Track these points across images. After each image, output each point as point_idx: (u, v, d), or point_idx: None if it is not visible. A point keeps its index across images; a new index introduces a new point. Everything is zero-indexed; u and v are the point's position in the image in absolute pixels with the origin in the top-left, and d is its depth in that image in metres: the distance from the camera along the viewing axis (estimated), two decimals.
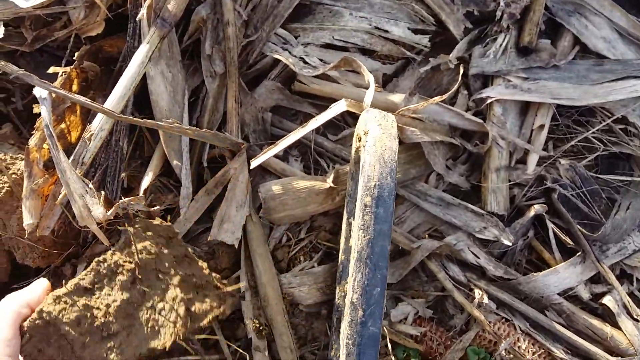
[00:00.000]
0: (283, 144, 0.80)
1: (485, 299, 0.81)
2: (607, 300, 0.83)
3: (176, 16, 0.79)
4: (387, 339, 0.80)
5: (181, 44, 0.87)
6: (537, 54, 0.90)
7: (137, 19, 0.80)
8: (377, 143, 0.62)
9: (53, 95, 0.69)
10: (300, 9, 0.91)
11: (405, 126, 0.80)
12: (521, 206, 0.88)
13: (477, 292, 0.82)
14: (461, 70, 0.88)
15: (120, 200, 0.70)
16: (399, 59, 0.93)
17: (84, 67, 0.80)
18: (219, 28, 0.88)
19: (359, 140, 0.70)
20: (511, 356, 0.80)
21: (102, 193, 0.68)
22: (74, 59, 0.80)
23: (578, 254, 0.84)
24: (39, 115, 0.75)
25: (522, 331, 0.82)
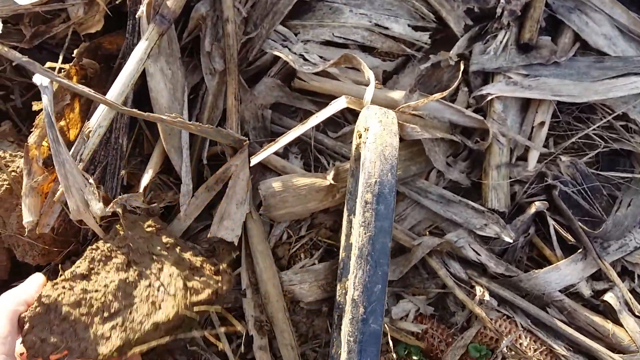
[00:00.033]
0: (283, 141, 0.80)
1: (487, 296, 0.81)
2: (608, 297, 0.83)
3: (175, 13, 0.79)
4: (389, 336, 0.80)
5: (181, 41, 0.86)
6: (537, 50, 0.90)
7: (136, 15, 0.79)
8: (378, 140, 0.61)
9: (54, 86, 0.68)
10: (300, 6, 0.91)
11: (406, 123, 0.79)
12: (522, 203, 0.88)
13: (478, 289, 0.82)
14: (461, 67, 0.88)
15: (119, 196, 0.70)
16: (399, 56, 0.93)
17: (83, 64, 0.80)
18: (218, 25, 0.87)
19: (360, 137, 0.69)
20: (512, 353, 0.80)
21: (101, 188, 0.67)
22: (73, 56, 0.80)
23: (579, 250, 0.84)
24: (38, 112, 0.75)
25: (523, 328, 0.82)
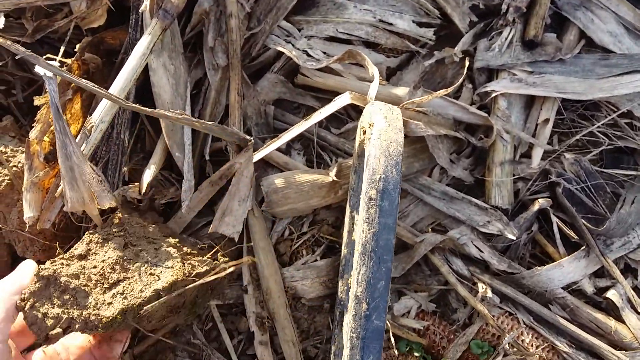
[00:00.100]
0: (286, 137, 0.80)
1: (489, 293, 0.81)
2: (611, 294, 0.83)
3: (178, 8, 0.78)
4: (390, 333, 0.80)
5: (183, 36, 0.86)
6: (542, 47, 0.89)
7: (139, 10, 0.79)
8: (383, 136, 0.61)
9: (57, 79, 0.68)
10: (303, 1, 0.90)
11: (410, 120, 0.79)
12: (525, 200, 0.88)
13: (480, 286, 0.81)
14: (466, 63, 0.87)
15: (121, 188, 0.70)
16: (403, 52, 0.92)
17: (85, 58, 0.80)
18: (221, 20, 0.87)
19: (364, 133, 0.69)
20: (515, 350, 0.80)
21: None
22: (75, 50, 0.80)
23: (582, 248, 0.84)
24: (39, 107, 0.75)
25: (525, 325, 0.82)
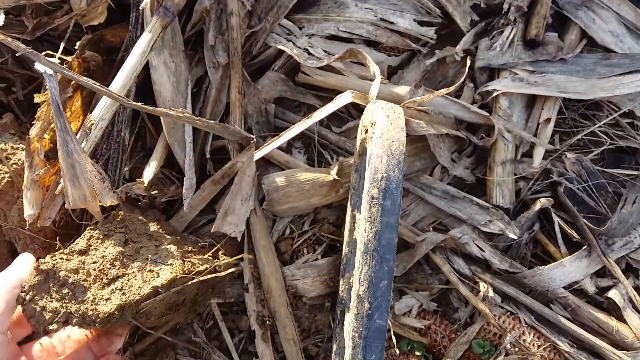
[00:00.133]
0: (287, 135, 0.80)
1: (491, 292, 0.81)
2: (612, 294, 0.83)
3: (179, 5, 0.78)
4: (391, 332, 0.79)
5: (184, 34, 0.86)
6: (544, 47, 0.89)
7: (139, 8, 0.78)
8: (385, 135, 0.61)
9: (58, 76, 0.67)
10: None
11: (411, 118, 0.79)
12: (527, 200, 0.88)
13: (482, 286, 0.81)
14: (467, 62, 0.87)
15: (125, 185, 0.70)
16: (404, 51, 0.92)
17: (85, 56, 0.79)
18: (222, 18, 0.87)
19: (365, 131, 0.69)
20: (516, 349, 0.80)
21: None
22: (76, 48, 0.79)
23: (584, 247, 0.84)
24: (39, 105, 0.74)
25: (527, 324, 0.82)
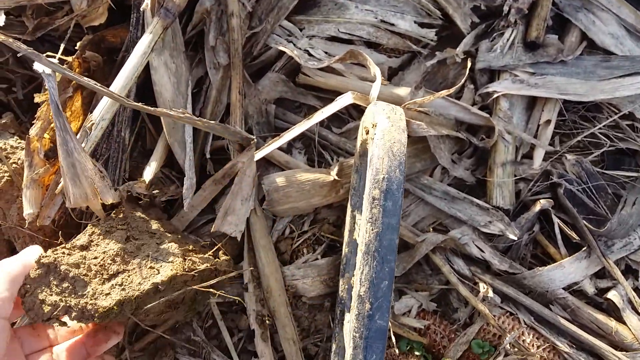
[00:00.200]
0: (288, 136, 0.80)
1: (490, 293, 0.81)
2: (612, 295, 0.83)
3: (180, 6, 0.78)
4: (391, 332, 0.79)
5: (185, 34, 0.86)
6: (544, 49, 0.89)
7: (140, 9, 0.79)
8: (386, 136, 0.61)
9: (57, 77, 0.67)
10: (305, 1, 0.91)
11: (412, 120, 0.79)
12: (527, 201, 0.88)
13: (481, 286, 0.81)
14: (468, 64, 0.87)
15: (126, 183, 0.70)
16: (404, 52, 0.92)
17: (86, 56, 0.80)
18: (223, 19, 0.87)
19: (366, 133, 0.69)
20: (515, 350, 0.80)
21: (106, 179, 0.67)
22: (76, 48, 0.79)
23: (583, 249, 0.84)
24: (39, 105, 0.74)
25: (526, 325, 0.82)
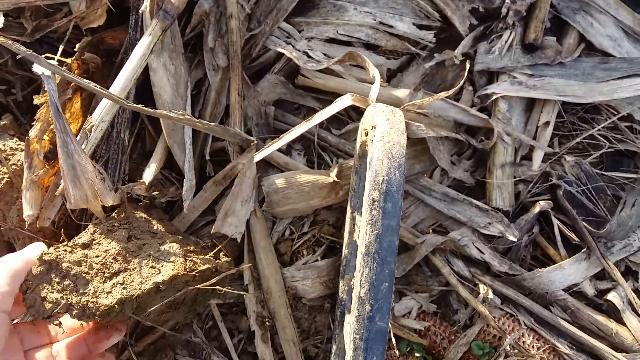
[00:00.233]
0: (287, 137, 0.80)
1: (490, 294, 0.81)
2: (612, 297, 0.83)
3: (179, 8, 0.78)
4: (391, 333, 0.79)
5: (184, 36, 0.86)
6: (542, 51, 0.90)
7: (139, 10, 0.79)
8: (385, 138, 0.61)
9: (56, 79, 0.67)
10: (304, 3, 0.91)
11: (411, 121, 0.79)
12: (526, 202, 0.88)
13: (481, 288, 0.81)
14: (467, 66, 0.88)
15: (126, 185, 0.70)
16: (403, 54, 0.92)
17: (85, 58, 0.79)
18: (221, 21, 0.87)
19: (366, 134, 0.69)
20: (516, 351, 0.80)
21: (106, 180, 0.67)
22: (75, 50, 0.79)
23: (583, 250, 0.84)
24: (39, 106, 0.74)
25: (526, 326, 0.82)
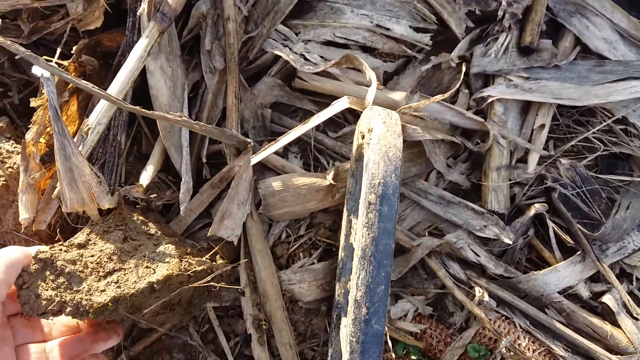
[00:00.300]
0: (284, 140, 0.80)
1: (486, 297, 0.81)
2: (606, 299, 0.84)
3: (176, 11, 0.78)
4: (387, 336, 0.79)
5: (181, 39, 0.86)
6: (538, 54, 0.90)
7: (136, 13, 0.79)
8: (382, 141, 0.61)
9: (55, 78, 0.67)
10: (301, 5, 0.91)
11: (407, 124, 0.79)
12: (521, 205, 0.88)
13: (477, 290, 0.82)
14: (463, 69, 0.88)
15: (123, 188, 0.70)
16: (400, 57, 0.93)
17: (82, 60, 0.79)
18: (219, 23, 0.87)
19: (362, 137, 0.69)
20: (511, 354, 0.80)
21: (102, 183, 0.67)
22: (72, 52, 0.79)
23: (578, 253, 0.85)
24: (35, 109, 0.74)
25: (522, 329, 0.83)
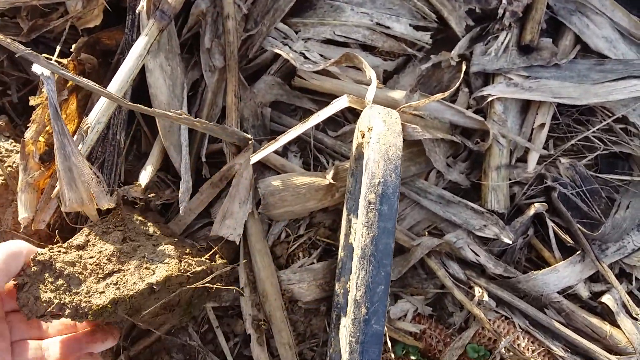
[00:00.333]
0: (284, 139, 0.79)
1: (485, 297, 0.81)
2: (606, 299, 0.84)
3: (176, 9, 0.78)
4: (387, 336, 0.79)
5: (180, 37, 0.86)
6: (538, 52, 0.90)
7: (136, 11, 0.78)
8: (382, 140, 0.61)
9: (55, 77, 0.67)
10: (301, 3, 0.91)
11: (407, 123, 0.79)
12: (521, 204, 0.88)
13: (476, 290, 0.82)
14: (463, 67, 0.88)
15: (121, 188, 0.70)
16: (400, 55, 0.92)
17: (81, 59, 0.79)
18: (218, 22, 0.87)
19: (362, 136, 0.69)
20: (511, 354, 0.81)
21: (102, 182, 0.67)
22: (71, 50, 0.79)
23: (577, 252, 0.85)
24: (34, 108, 0.74)
25: (521, 329, 0.83)
